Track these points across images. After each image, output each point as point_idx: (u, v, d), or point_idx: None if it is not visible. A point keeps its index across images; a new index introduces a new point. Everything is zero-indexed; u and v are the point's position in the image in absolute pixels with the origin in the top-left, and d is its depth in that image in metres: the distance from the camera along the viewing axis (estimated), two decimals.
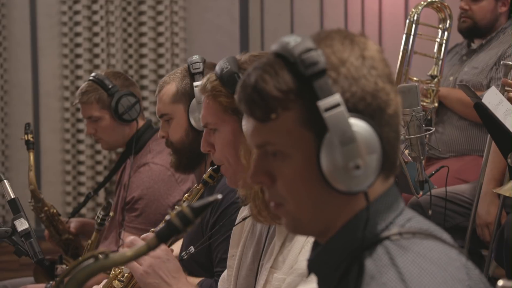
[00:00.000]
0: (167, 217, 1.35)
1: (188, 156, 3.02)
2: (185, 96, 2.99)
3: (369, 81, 1.37)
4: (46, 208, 3.75)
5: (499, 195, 3.44)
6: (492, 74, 4.01)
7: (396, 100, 1.41)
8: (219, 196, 1.39)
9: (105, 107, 3.69)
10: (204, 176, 2.34)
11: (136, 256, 1.36)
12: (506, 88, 2.94)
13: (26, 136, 3.65)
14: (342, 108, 1.33)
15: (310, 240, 2.00)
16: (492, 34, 4.16)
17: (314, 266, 1.49)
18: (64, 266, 3.26)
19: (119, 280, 2.43)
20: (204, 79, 2.16)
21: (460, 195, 3.64)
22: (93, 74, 3.78)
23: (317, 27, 5.72)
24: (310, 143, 1.37)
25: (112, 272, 2.45)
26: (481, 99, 2.51)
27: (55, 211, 3.79)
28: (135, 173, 3.64)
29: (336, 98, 1.34)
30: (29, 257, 2.59)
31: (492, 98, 2.54)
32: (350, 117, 1.34)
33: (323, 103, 1.33)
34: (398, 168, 1.45)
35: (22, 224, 2.48)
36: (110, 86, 3.67)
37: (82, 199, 5.53)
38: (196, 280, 2.71)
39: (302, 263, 1.99)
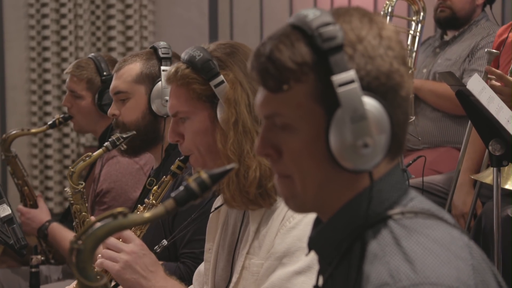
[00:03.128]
0: (185, 183, 1.36)
1: (142, 139, 2.95)
2: (149, 78, 2.93)
3: (385, 61, 1.37)
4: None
5: (474, 185, 3.47)
6: (465, 65, 4.06)
7: (409, 83, 1.41)
8: (235, 165, 1.41)
9: (91, 90, 3.67)
10: (172, 167, 2.31)
11: (154, 218, 1.37)
12: (489, 76, 2.96)
13: None
14: (356, 85, 1.33)
15: (286, 224, 2.01)
16: (465, 27, 4.20)
17: (315, 243, 1.49)
18: (39, 256, 3.21)
19: None
20: (172, 68, 2.12)
21: (436, 185, 3.67)
22: (95, 53, 3.76)
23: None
24: (319, 118, 1.36)
25: None
26: (465, 86, 2.52)
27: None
28: (104, 166, 3.61)
29: (351, 74, 1.33)
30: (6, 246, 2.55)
31: (475, 86, 2.56)
32: (363, 95, 1.34)
33: (337, 78, 1.33)
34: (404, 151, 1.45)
35: (4, 210, 2.45)
36: (105, 73, 3.64)
37: (49, 192, 5.48)
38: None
39: (279, 246, 1.99)
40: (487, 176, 2.95)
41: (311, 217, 1.97)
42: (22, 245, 2.49)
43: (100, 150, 2.95)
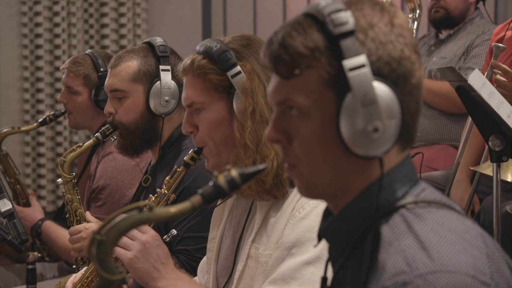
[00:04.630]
0: (214, 180, 1.35)
1: (141, 138, 2.95)
2: (147, 77, 2.92)
3: (396, 48, 1.38)
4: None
5: (472, 181, 3.48)
6: (460, 64, 4.07)
7: (420, 71, 1.42)
8: (267, 166, 1.43)
9: (88, 86, 3.67)
10: (186, 158, 2.31)
11: (180, 213, 1.36)
12: (494, 70, 2.97)
13: None
14: (367, 69, 1.34)
15: (296, 214, 2.01)
16: (460, 25, 4.22)
17: (327, 233, 1.49)
18: (35, 253, 3.20)
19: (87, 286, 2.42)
20: (187, 60, 2.14)
21: (433, 181, 3.67)
22: (92, 50, 3.75)
23: (280, 20, 5.73)
24: (330, 104, 1.37)
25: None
26: (466, 81, 2.53)
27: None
28: (100, 163, 3.60)
29: (362, 59, 1.34)
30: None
31: (476, 81, 2.56)
32: (374, 80, 1.34)
33: (348, 63, 1.34)
34: (415, 141, 1.46)
35: (5, 205, 2.43)
36: (102, 69, 3.64)
37: (41, 191, 5.45)
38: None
39: (288, 236, 2.00)
40: (487, 167, 2.96)
41: (321, 208, 1.98)
42: (23, 240, 2.48)
43: (90, 141, 2.95)
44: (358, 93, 1.34)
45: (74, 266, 3.03)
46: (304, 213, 2.01)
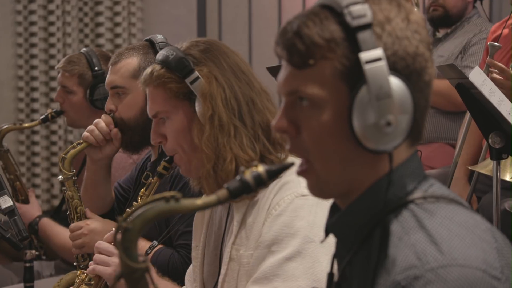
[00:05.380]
0: (241, 175, 1.36)
1: (141, 134, 2.95)
2: None
3: (412, 44, 1.38)
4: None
5: (470, 180, 3.49)
6: (457, 62, 4.08)
7: (432, 69, 1.43)
8: (295, 162, 1.41)
9: (83, 85, 3.67)
10: (158, 168, 2.33)
11: (205, 206, 1.36)
12: (491, 69, 2.98)
13: None
14: (383, 63, 1.34)
15: (272, 212, 2.02)
16: (457, 23, 4.23)
17: (334, 228, 1.48)
18: (33, 251, 3.18)
19: (86, 284, 2.41)
20: (148, 71, 2.14)
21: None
22: (87, 48, 3.75)
23: (275, 20, 5.73)
24: (343, 96, 1.36)
25: (77, 277, 2.43)
26: (467, 78, 2.54)
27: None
28: None
29: (379, 52, 1.34)
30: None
31: (477, 78, 2.57)
32: (389, 74, 1.34)
33: (365, 55, 1.34)
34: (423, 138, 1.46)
35: (5, 201, 2.42)
36: (97, 68, 3.63)
37: (36, 190, 5.43)
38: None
39: (267, 235, 2.01)
40: (484, 167, 2.96)
41: (296, 202, 1.99)
42: (24, 237, 2.48)
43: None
44: (374, 86, 1.33)
45: (74, 264, 3.02)
46: (280, 209, 2.01)
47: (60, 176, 3.01)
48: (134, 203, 2.47)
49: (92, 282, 2.42)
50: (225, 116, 2.05)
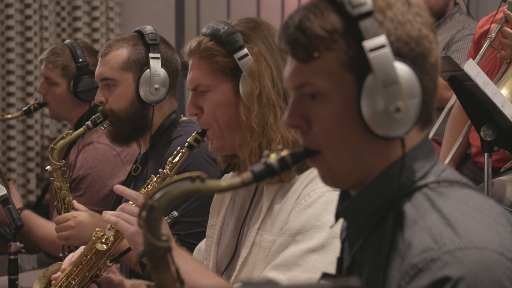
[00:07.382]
0: (265, 158, 1.36)
1: (131, 126, 2.94)
2: (136, 65, 2.91)
3: (414, 27, 1.38)
4: None
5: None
6: None
7: (437, 50, 1.43)
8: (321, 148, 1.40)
9: (66, 77, 3.64)
10: (189, 139, 2.29)
11: (230, 188, 1.36)
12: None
13: None
14: (387, 50, 1.34)
15: (301, 202, 2.01)
16: (440, 20, 4.26)
17: (346, 213, 1.49)
18: (18, 243, 3.14)
19: (102, 243, 2.36)
20: (193, 42, 2.13)
21: None
22: (71, 40, 3.72)
23: (253, 15, 5.72)
24: (350, 86, 1.36)
25: (94, 235, 2.39)
26: (462, 70, 2.56)
27: None
28: (80, 153, 3.57)
29: (382, 39, 1.34)
30: None
31: (471, 70, 2.59)
32: (394, 60, 1.34)
33: (368, 44, 1.34)
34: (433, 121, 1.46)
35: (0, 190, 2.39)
36: (81, 60, 3.60)
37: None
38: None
39: (293, 223, 2.00)
40: None
41: (327, 196, 1.98)
42: (18, 226, 2.45)
43: (81, 129, 2.94)
44: (380, 74, 1.33)
45: (60, 255, 2.99)
46: (310, 200, 2.00)
47: (48, 167, 2.98)
48: (152, 176, 2.42)
49: (108, 242, 2.37)
50: (273, 95, 2.04)
